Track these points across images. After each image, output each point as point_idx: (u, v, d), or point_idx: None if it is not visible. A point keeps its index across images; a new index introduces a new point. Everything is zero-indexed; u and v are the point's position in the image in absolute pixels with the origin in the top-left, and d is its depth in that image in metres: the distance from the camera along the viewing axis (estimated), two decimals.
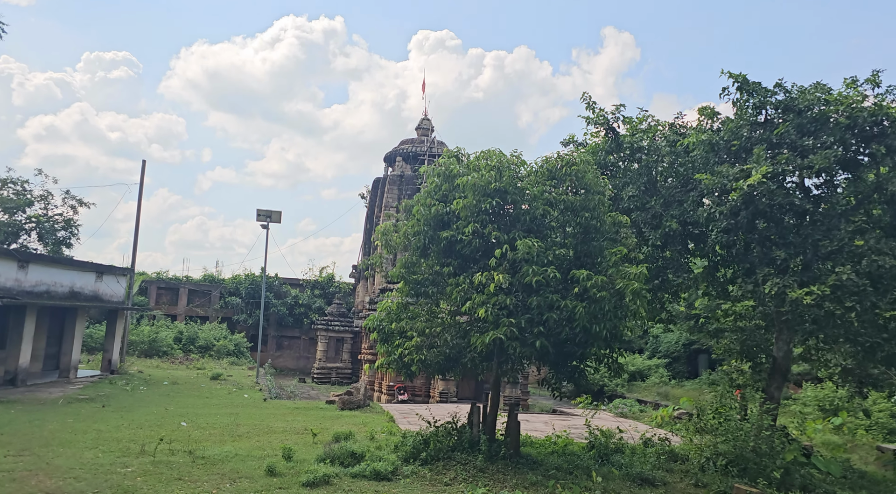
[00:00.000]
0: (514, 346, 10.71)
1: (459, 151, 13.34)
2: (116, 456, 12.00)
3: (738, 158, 13.31)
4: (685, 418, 20.85)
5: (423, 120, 42.66)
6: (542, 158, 12.70)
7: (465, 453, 12.28)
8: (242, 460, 12.08)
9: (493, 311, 10.74)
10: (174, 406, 19.29)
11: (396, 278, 13.61)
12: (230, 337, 39.65)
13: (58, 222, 37.92)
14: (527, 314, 10.97)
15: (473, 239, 11.86)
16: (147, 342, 35.66)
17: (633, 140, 14.58)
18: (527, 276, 10.78)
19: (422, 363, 12.32)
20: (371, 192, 41.96)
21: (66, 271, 22.84)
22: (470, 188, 11.87)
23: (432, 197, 12.72)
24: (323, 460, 11.86)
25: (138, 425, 15.59)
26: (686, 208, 13.75)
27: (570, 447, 14.38)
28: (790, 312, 11.99)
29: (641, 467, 12.64)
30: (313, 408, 20.44)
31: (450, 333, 12.49)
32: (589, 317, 10.70)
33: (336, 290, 45.47)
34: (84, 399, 19.32)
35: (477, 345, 11.13)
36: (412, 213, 13.00)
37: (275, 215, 28.13)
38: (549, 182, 12.26)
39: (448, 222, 12.62)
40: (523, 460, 12.64)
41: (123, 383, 23.43)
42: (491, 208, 11.73)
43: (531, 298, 10.95)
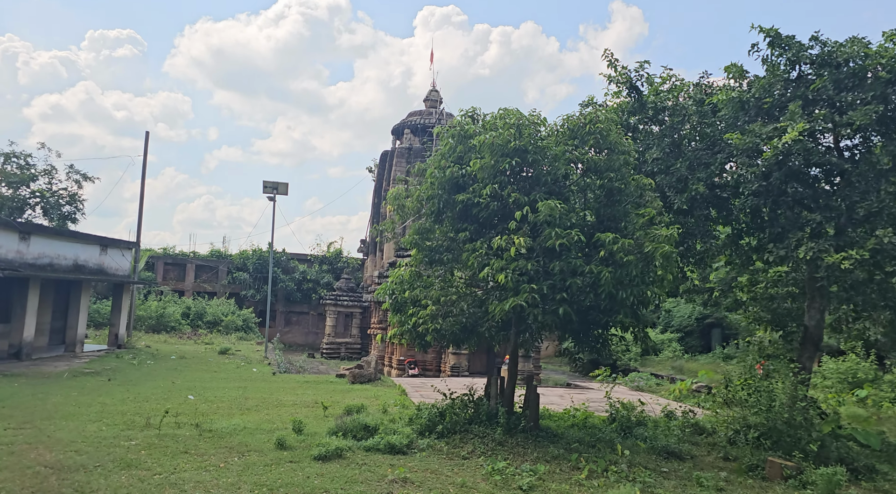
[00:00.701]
0: (536, 313, 10.12)
1: (475, 110, 12.66)
2: (120, 429, 11.57)
3: (769, 116, 12.57)
4: (704, 391, 20.33)
5: (431, 92, 41.79)
6: (563, 117, 12.02)
7: (482, 426, 11.78)
8: (251, 433, 11.62)
9: (514, 277, 10.15)
10: (181, 380, 18.89)
11: (409, 246, 13.02)
12: (238, 313, 39.31)
13: (62, 197, 37.43)
14: (548, 280, 10.36)
15: (491, 202, 11.24)
16: (154, 318, 35.33)
17: (656, 100, 13.85)
18: (549, 239, 10.16)
19: (436, 333, 11.76)
20: (379, 165, 41.26)
21: (69, 243, 22.36)
22: (487, 148, 11.22)
23: (447, 159, 12.08)
24: (335, 433, 11.38)
25: (144, 398, 15.17)
26: (713, 171, 13.07)
27: (591, 420, 13.88)
28: (825, 278, 11.35)
29: (666, 440, 12.12)
30: (323, 382, 20.01)
31: (466, 301, 11.92)
32: (615, 283, 10.10)
33: (344, 265, 44.99)
34: (90, 373, 18.94)
35: (495, 313, 10.56)
36: (425, 176, 12.37)
37: (281, 186, 27.50)
38: (571, 142, 11.60)
39: (463, 185, 11.99)
40: (543, 433, 12.14)
41: (130, 357, 23.07)
42: (510, 169, 11.09)
43: (553, 263, 10.34)
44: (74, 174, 37.82)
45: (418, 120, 40.11)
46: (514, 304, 10.06)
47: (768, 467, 10.23)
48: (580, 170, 11.61)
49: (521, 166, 11.14)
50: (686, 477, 10.09)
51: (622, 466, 10.11)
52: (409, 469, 9.72)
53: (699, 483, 9.59)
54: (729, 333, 40.75)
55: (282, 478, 8.84)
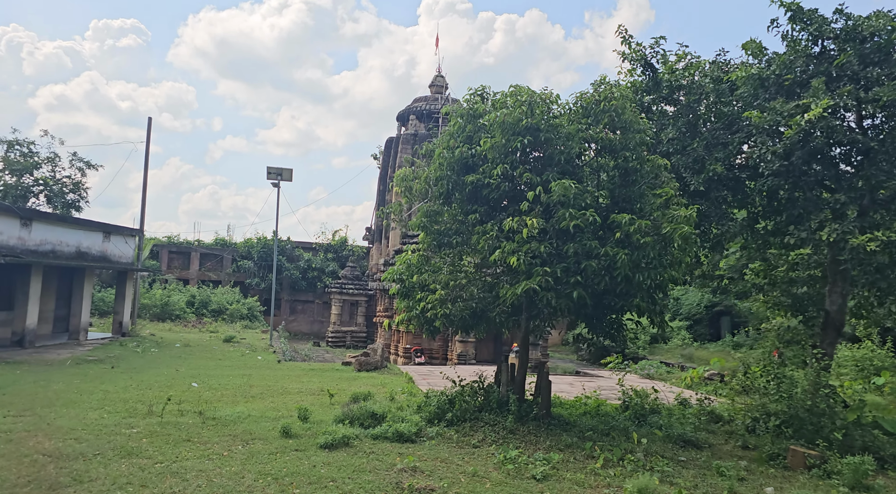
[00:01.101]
0: (549, 297, 9.75)
1: (484, 89, 12.24)
2: (122, 417, 11.29)
3: (791, 94, 12.12)
4: (716, 379, 19.97)
5: (437, 77, 41.28)
6: (576, 95, 11.60)
7: (493, 414, 11.46)
8: (256, 421, 11.33)
9: (526, 259, 9.77)
10: (185, 368, 18.62)
11: (417, 229, 12.64)
12: (243, 301, 39.07)
13: (66, 185, 37.22)
14: (562, 263, 9.98)
15: (502, 182, 10.86)
16: (159, 306, 35.13)
17: (671, 78, 13.40)
18: (563, 220, 9.78)
19: (445, 319, 11.41)
20: (384, 152, 40.83)
21: (72, 230, 22.07)
22: (498, 127, 10.82)
23: (455, 139, 11.68)
24: (341, 421, 11.08)
25: (147, 386, 14.90)
26: (731, 151, 12.64)
27: (604, 408, 13.53)
28: (849, 260, 10.93)
29: (682, 428, 11.77)
30: (329, 370, 19.73)
31: (476, 285, 11.57)
32: (631, 265, 9.72)
33: (349, 253, 44.67)
34: (93, 361, 18.69)
35: (507, 297, 10.19)
36: (434, 157, 11.98)
37: (286, 172, 27.11)
38: (584, 120, 11.18)
39: (473, 166, 11.61)
40: (555, 421, 11.81)
41: (134, 345, 22.83)
42: (521, 148, 10.69)
43: (567, 245, 9.96)
44: (78, 162, 37.61)
45: (424, 106, 39.64)
46: (526, 287, 9.70)
47: (790, 456, 9.88)
48: (593, 150, 11.20)
49: (533, 146, 10.74)
50: (705, 466, 9.75)
51: (638, 455, 9.77)
52: (419, 457, 9.40)
53: (719, 472, 9.24)
54: (738, 321, 40.33)
55: (287, 467, 8.53)
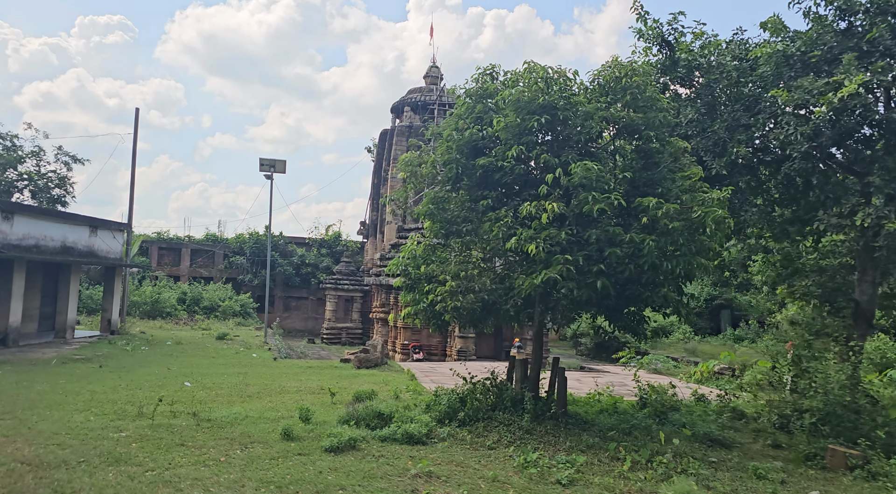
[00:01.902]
0: (571, 287, 9.05)
1: (493, 68, 11.49)
2: (110, 419, 10.51)
3: (818, 71, 11.46)
4: (727, 373, 19.37)
5: (432, 68, 40.48)
6: (594, 72, 10.91)
7: (507, 412, 10.76)
8: (254, 422, 10.58)
9: (545, 247, 9.07)
10: (177, 367, 17.83)
11: (422, 217, 11.91)
12: (236, 298, 38.19)
13: (51, 180, 36.18)
14: (583, 251, 9.29)
15: (516, 165, 10.16)
16: (149, 303, 34.20)
17: (690, 57, 12.71)
18: (585, 204, 9.08)
19: (455, 312, 10.69)
20: (378, 145, 40.03)
21: (56, 224, 21.18)
22: (512, 105, 10.11)
23: (465, 119, 10.96)
24: (346, 422, 10.36)
25: (137, 386, 14.11)
26: (753, 133, 11.98)
27: (620, 404, 12.86)
28: (885, 247, 10.29)
29: (707, 426, 11.14)
30: (327, 367, 18.98)
31: (488, 276, 10.85)
32: (659, 252, 9.04)
33: (344, 248, 43.83)
34: (79, 360, 17.86)
35: (523, 288, 9.49)
36: (441, 139, 11.26)
37: (279, 164, 26.27)
38: (603, 99, 10.48)
39: (484, 148, 10.93)
40: (572, 420, 11.13)
41: (124, 343, 21.99)
42: (538, 128, 9.97)
43: (589, 231, 9.26)
44: (63, 156, 36.55)
45: (419, 97, 38.85)
46: (546, 277, 9.00)
47: (829, 456, 9.24)
48: (612, 130, 10.50)
49: (549, 125, 10.03)
50: (739, 468, 9.09)
51: (667, 456, 9.10)
52: (432, 461, 8.71)
53: (757, 474, 8.59)
54: (738, 314, 39.84)
55: (291, 474, 7.81)
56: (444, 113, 37.87)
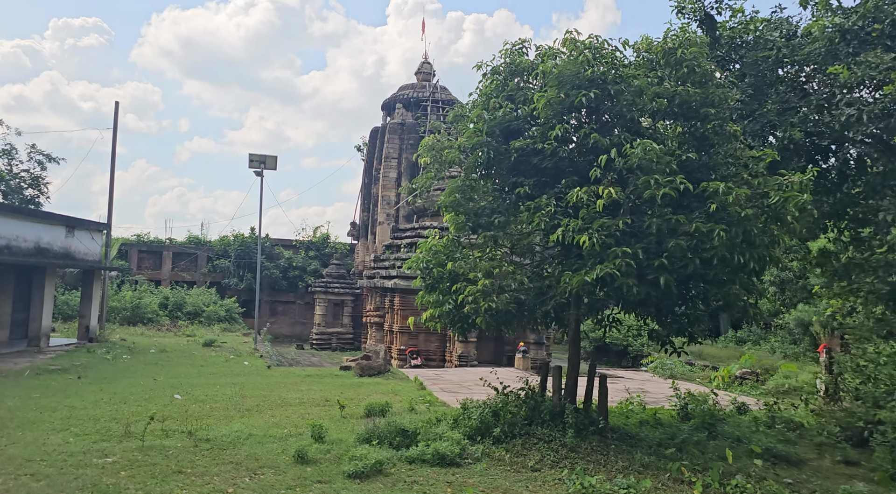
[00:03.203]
0: (630, 284, 7.86)
1: (523, 43, 10.28)
2: (93, 441, 9.15)
3: (882, 47, 10.41)
4: (751, 378, 18.32)
5: (424, 64, 39.27)
6: (638, 45, 9.76)
7: (545, 427, 9.56)
8: (259, 442, 9.27)
9: (600, 238, 7.88)
10: (164, 377, 16.39)
11: (444, 209, 10.67)
12: (220, 302, 36.58)
13: (24, 180, 34.41)
14: (640, 242, 8.11)
15: (559, 147, 8.96)
16: (130, 309, 32.51)
17: (733, 34, 11.64)
18: (646, 188, 7.91)
19: (489, 314, 9.43)
20: (369, 143, 38.70)
21: (29, 223, 19.62)
22: (554, 79, 8.92)
23: (496, 98, 9.76)
24: (366, 440, 9.09)
25: (121, 399, 12.70)
26: (807, 114, 10.91)
27: (660, 415, 11.71)
28: None
29: (764, 440, 10.02)
30: (327, 375, 17.64)
31: (524, 273, 9.63)
32: (729, 244, 7.90)
33: (332, 251, 42.34)
34: (56, 370, 16.35)
35: (572, 285, 8.27)
36: (468, 119, 10.04)
37: (269, 160, 24.85)
38: (653, 74, 9.34)
39: (517, 130, 9.72)
40: (615, 434, 9.95)
41: (104, 351, 20.45)
42: (586, 104, 8.79)
43: (648, 220, 8.08)
44: (37, 155, 34.80)
45: (411, 94, 37.60)
46: (602, 273, 7.79)
47: None
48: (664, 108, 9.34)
49: (597, 101, 8.84)
50: (822, 491, 7.96)
51: (739, 477, 7.93)
52: (473, 486, 7.49)
53: None
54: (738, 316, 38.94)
55: None
56: (437, 110, 36.68)
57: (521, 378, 11.46)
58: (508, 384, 11.20)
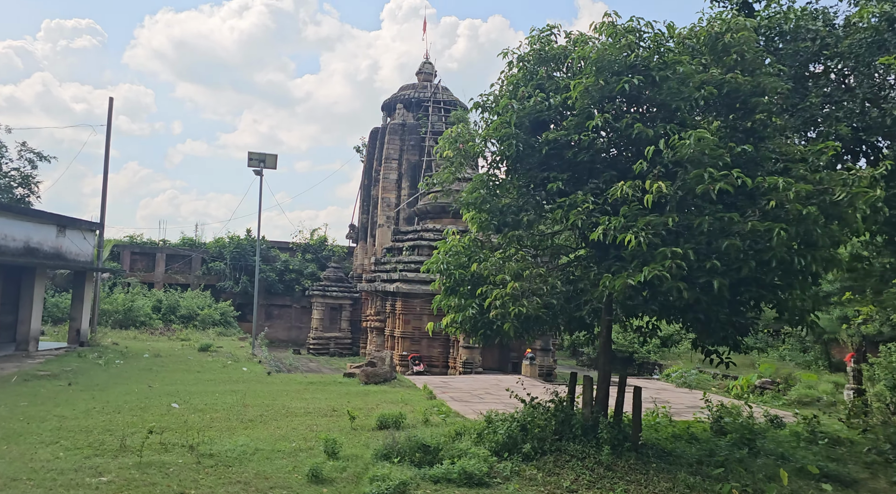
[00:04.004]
0: (680, 288, 7.14)
1: (552, 28, 9.57)
2: (85, 456, 8.38)
3: None
4: (772, 387, 17.64)
5: (425, 64, 38.60)
6: (680, 31, 9.08)
7: (577, 442, 8.83)
8: (267, 458, 8.51)
9: (647, 237, 7.17)
10: (160, 383, 15.58)
11: (466, 207, 9.95)
12: (215, 306, 35.67)
13: (14, 178, 33.50)
14: (690, 242, 7.41)
15: (597, 138, 8.26)
16: (122, 312, 31.58)
17: (771, 23, 10.97)
18: (699, 183, 7.21)
19: (517, 320, 8.69)
20: (369, 144, 37.95)
21: (18, 222, 18.77)
22: (591, 65, 8.22)
23: (525, 86, 9.05)
24: (385, 457, 8.34)
25: (115, 408, 11.90)
26: (852, 109, 10.24)
27: (692, 428, 11.00)
28: None
29: (809, 458, 9.33)
30: (331, 383, 16.85)
31: (556, 276, 8.89)
32: (788, 244, 7.20)
33: (330, 254, 41.50)
34: (45, 376, 15.51)
35: (614, 288, 7.54)
36: (493, 110, 9.33)
37: (269, 159, 24.06)
38: (696, 61, 8.65)
39: (548, 121, 9.04)
40: (652, 450, 9.22)
41: (95, 356, 19.61)
42: (627, 92, 8.09)
43: (699, 218, 7.37)
44: (28, 153, 33.90)
45: (412, 94, 36.90)
46: (650, 275, 7.07)
47: None
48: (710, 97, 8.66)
49: (640, 89, 8.13)
50: None
51: None
52: None
53: None
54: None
55: None
56: (439, 111, 36.01)
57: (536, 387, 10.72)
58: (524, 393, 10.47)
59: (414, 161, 34.71)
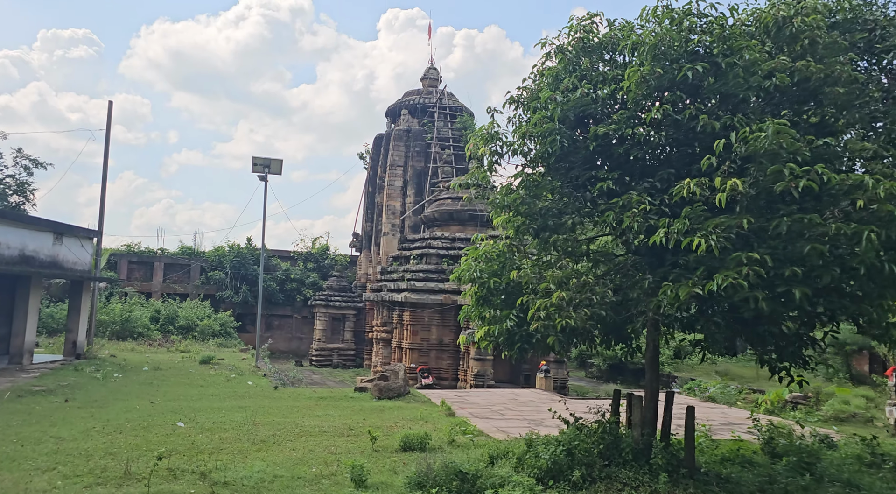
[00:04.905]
0: (758, 298, 6.34)
1: (593, 17, 8.80)
2: (86, 485, 7.56)
3: None
4: (805, 403, 16.83)
5: (430, 69, 37.95)
6: (738, 16, 8.34)
7: (628, 468, 8.03)
8: (288, 486, 7.67)
9: (719, 240, 6.39)
10: (162, 399, 14.70)
11: (499, 210, 9.16)
12: (215, 316, 34.75)
13: (9, 185, 32.62)
14: (763, 246, 6.62)
15: (653, 133, 7.49)
16: (119, 323, 30.65)
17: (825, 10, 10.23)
18: (778, 179, 6.43)
19: (563, 333, 7.90)
20: (373, 150, 37.19)
21: (14, 229, 17.92)
22: (648, 51, 7.46)
23: (570, 76, 8.30)
24: (419, 486, 7.51)
25: (116, 428, 11.03)
26: None
27: (742, 450, 10.17)
28: None
29: (880, 485, 8.51)
30: (342, 398, 15.98)
31: (607, 284, 8.09)
32: (877, 249, 6.42)
33: (332, 263, 40.64)
34: (40, 392, 14.63)
35: (679, 297, 6.73)
36: (528, 105, 8.55)
37: (274, 164, 23.26)
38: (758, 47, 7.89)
39: (594, 115, 8.28)
40: (707, 476, 8.41)
41: (93, 369, 18.71)
42: (691, 80, 7.32)
43: (776, 219, 6.59)
44: (23, 160, 33.02)
45: (417, 100, 36.20)
46: (724, 283, 6.27)
47: None
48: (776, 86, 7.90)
49: (703, 77, 7.37)
50: None
51: None
52: None
53: None
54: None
55: None
56: (445, 116, 35.30)
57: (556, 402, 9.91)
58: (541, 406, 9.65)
59: (419, 168, 33.94)
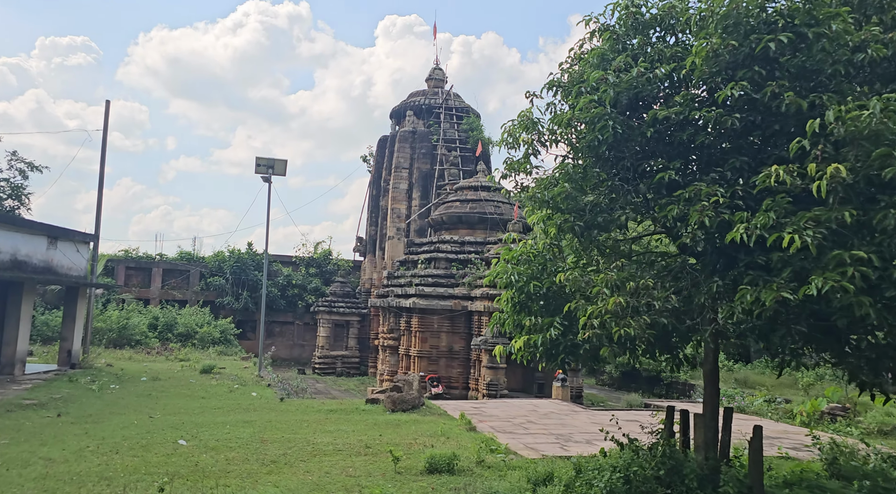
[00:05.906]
0: (864, 304, 5.39)
1: None
2: None
3: None
4: (845, 415, 15.86)
5: (435, 70, 37.06)
6: None
7: None
8: None
9: (815, 237, 5.46)
10: (161, 412, 13.72)
11: (536, 207, 8.22)
12: (215, 323, 33.76)
13: (3, 189, 31.64)
14: (864, 243, 5.69)
15: (725, 115, 6.56)
16: (116, 330, 29.68)
17: None
18: (888, 165, 5.50)
19: (620, 344, 6.96)
20: (377, 153, 36.27)
21: (4, 232, 16.95)
22: (719, 23, 6.56)
23: (621, 54, 7.38)
24: None
25: (112, 447, 10.05)
26: None
27: (804, 473, 9.21)
28: None
29: None
30: (353, 410, 14.99)
31: (667, 288, 7.14)
32: None
33: (335, 268, 39.65)
34: (31, 405, 13.64)
35: (764, 305, 5.78)
36: (581, 84, 7.62)
37: (278, 164, 22.32)
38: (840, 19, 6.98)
39: (650, 98, 7.36)
40: None
41: (88, 380, 17.72)
42: (771, 55, 6.40)
43: (882, 212, 5.66)
44: (18, 163, 32.04)
45: (422, 101, 35.29)
46: (825, 287, 5.33)
47: None
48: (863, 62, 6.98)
49: (783, 50, 6.45)
50: None
51: None
52: None
53: None
54: None
55: None
56: (451, 118, 34.40)
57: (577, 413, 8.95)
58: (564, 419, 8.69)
59: (425, 170, 33.02)
